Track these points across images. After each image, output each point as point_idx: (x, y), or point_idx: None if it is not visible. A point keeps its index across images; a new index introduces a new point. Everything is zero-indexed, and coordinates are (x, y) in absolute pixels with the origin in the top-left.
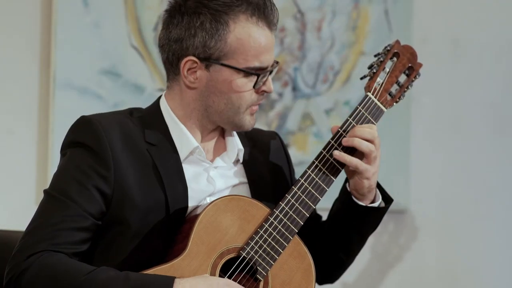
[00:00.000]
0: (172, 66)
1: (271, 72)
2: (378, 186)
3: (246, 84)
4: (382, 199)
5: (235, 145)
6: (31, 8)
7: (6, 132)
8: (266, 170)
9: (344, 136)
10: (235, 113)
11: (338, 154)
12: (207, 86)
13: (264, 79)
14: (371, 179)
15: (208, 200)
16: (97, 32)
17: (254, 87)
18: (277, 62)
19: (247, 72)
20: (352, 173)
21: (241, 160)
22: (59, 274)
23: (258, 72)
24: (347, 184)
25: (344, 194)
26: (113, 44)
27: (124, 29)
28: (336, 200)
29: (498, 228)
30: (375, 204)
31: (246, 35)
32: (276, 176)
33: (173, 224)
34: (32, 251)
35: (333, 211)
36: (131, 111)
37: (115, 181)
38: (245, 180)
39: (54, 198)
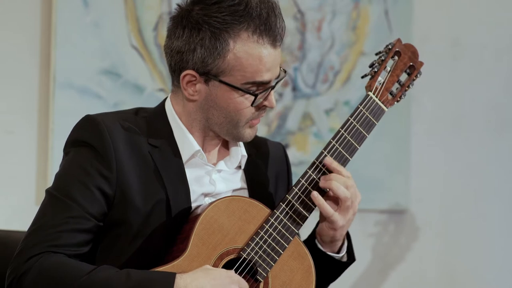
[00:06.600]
0: (175, 74)
1: (273, 87)
2: (349, 241)
3: (244, 101)
4: (347, 254)
5: (239, 151)
6: (31, 7)
7: (6, 132)
8: (267, 179)
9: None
10: (234, 127)
11: (316, 195)
12: (206, 99)
13: (266, 94)
14: (338, 231)
15: (207, 200)
16: (97, 32)
17: (252, 105)
18: (285, 71)
19: (244, 91)
20: (323, 218)
21: (242, 167)
22: (60, 275)
23: (258, 91)
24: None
25: (312, 234)
26: (113, 44)
27: (124, 29)
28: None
29: (498, 228)
30: (336, 255)
31: (246, 53)
32: (275, 186)
33: (175, 226)
34: (32, 253)
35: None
36: (137, 111)
37: (117, 182)
38: (245, 186)
39: (57, 199)
